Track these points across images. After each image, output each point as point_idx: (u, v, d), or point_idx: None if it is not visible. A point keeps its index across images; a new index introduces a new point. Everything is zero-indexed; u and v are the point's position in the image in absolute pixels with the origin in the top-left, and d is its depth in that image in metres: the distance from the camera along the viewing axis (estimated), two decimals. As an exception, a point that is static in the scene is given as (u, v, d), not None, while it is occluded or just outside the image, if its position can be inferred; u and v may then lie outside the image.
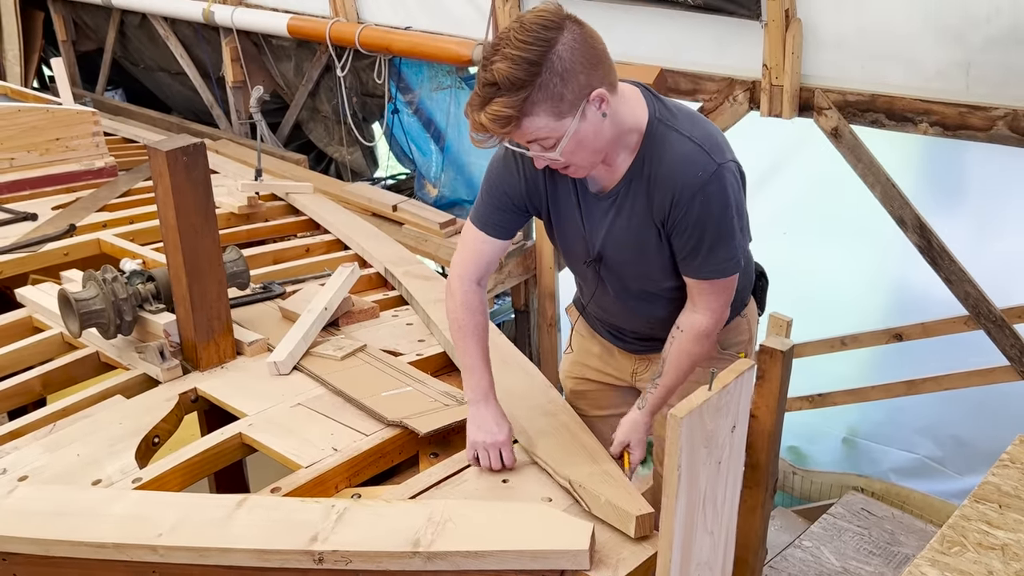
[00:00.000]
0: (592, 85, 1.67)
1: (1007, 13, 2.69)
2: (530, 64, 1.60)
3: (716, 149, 1.78)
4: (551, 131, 1.67)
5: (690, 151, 1.77)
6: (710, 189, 1.75)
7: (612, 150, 1.80)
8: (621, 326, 2.18)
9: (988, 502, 1.67)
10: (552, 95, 1.63)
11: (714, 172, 1.75)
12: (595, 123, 1.70)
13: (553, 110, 1.65)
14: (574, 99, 1.65)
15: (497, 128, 1.65)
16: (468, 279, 2.00)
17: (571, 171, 1.80)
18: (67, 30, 7.11)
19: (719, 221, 1.79)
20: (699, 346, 1.93)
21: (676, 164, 1.77)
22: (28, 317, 2.74)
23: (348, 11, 4.72)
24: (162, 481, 1.94)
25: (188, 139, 2.25)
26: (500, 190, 1.95)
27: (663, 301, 2.00)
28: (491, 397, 1.98)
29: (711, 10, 3.25)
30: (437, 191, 4.88)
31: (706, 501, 1.48)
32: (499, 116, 1.63)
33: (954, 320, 3.41)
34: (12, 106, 4.03)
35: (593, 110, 1.69)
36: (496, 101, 1.63)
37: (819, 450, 4.27)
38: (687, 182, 1.76)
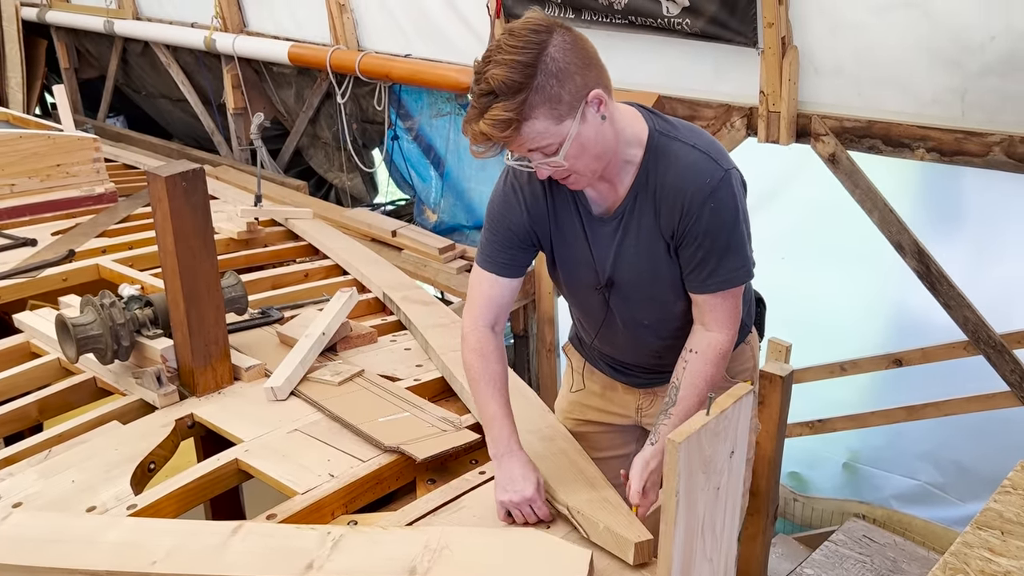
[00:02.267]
0: (588, 86, 1.65)
1: (1002, 40, 2.71)
2: (524, 66, 1.58)
3: (721, 156, 1.78)
4: (552, 135, 1.65)
5: (697, 159, 1.76)
6: (720, 195, 1.74)
7: (613, 163, 1.77)
8: (626, 360, 2.12)
9: (990, 529, 1.65)
10: (549, 97, 1.61)
11: (722, 178, 1.74)
12: (595, 126, 1.68)
13: (552, 113, 1.63)
14: (572, 100, 1.64)
15: (497, 133, 1.62)
16: (480, 325, 1.94)
17: (572, 181, 1.76)
18: (70, 58, 7.19)
19: (731, 228, 1.77)
20: (716, 367, 1.85)
21: (684, 172, 1.75)
22: (26, 342, 2.73)
23: (348, 39, 4.76)
24: (157, 508, 1.92)
25: (187, 165, 2.26)
26: (503, 226, 1.91)
27: (673, 326, 1.96)
28: (514, 448, 1.86)
29: (708, 37, 3.28)
30: (436, 217, 4.89)
31: (705, 528, 1.46)
32: (498, 120, 1.60)
33: (953, 345, 3.41)
34: (14, 132, 4.05)
35: (592, 112, 1.67)
36: (495, 107, 1.60)
37: (820, 476, 4.25)
38: (696, 189, 1.73)
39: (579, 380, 2.27)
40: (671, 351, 1.98)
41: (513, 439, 1.88)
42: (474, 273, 1.98)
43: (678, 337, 1.95)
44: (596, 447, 2.25)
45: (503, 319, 1.97)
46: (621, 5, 3.44)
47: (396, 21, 4.56)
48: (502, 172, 1.94)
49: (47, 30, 7.15)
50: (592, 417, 2.27)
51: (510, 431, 1.88)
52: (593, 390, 2.25)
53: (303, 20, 5.06)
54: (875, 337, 3.79)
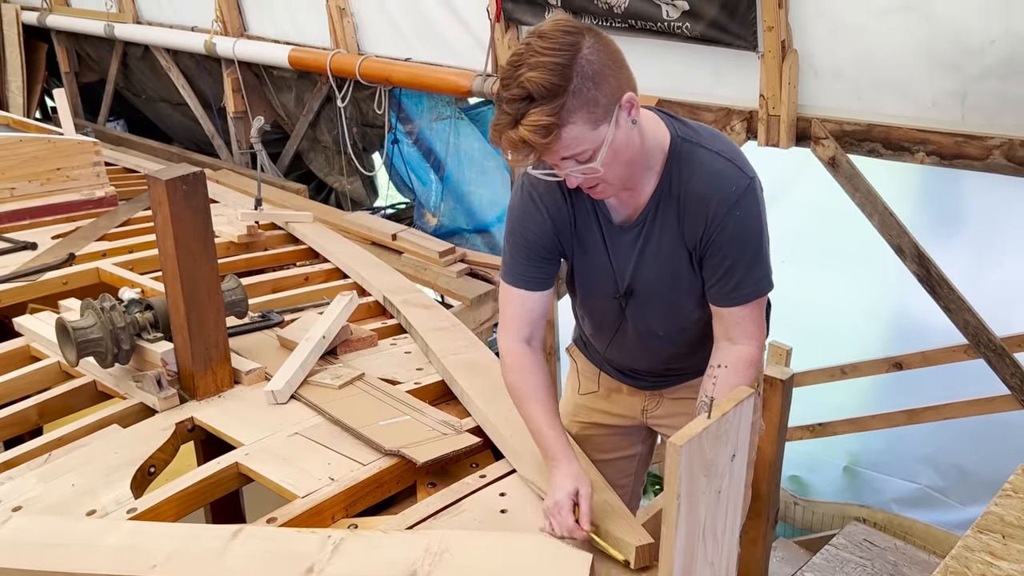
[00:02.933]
0: (622, 89, 1.59)
1: (1002, 43, 2.71)
2: (562, 67, 1.51)
3: (745, 163, 1.75)
4: (589, 141, 1.58)
5: (722, 166, 1.72)
6: (746, 203, 1.70)
7: (638, 170, 1.73)
8: (635, 366, 2.10)
9: (991, 533, 1.65)
10: (587, 101, 1.54)
11: (747, 186, 1.71)
12: (627, 131, 1.63)
13: (589, 117, 1.56)
14: (608, 104, 1.57)
15: (539, 139, 1.54)
16: (514, 342, 1.89)
17: (600, 190, 1.70)
18: (70, 62, 7.20)
19: (756, 237, 1.73)
20: (748, 379, 1.78)
21: (709, 180, 1.71)
22: (26, 346, 2.73)
23: (349, 43, 4.77)
24: (157, 511, 1.92)
25: (187, 168, 2.26)
26: (525, 239, 1.85)
27: (687, 336, 1.93)
28: (561, 459, 1.79)
29: (708, 41, 3.28)
30: (436, 220, 4.90)
31: (706, 531, 1.46)
32: (539, 126, 1.52)
33: (954, 349, 3.41)
34: (14, 136, 4.06)
35: (624, 117, 1.61)
36: (533, 112, 1.52)
37: (820, 480, 4.25)
38: (722, 197, 1.69)
39: (586, 383, 2.25)
40: (682, 358, 1.97)
41: (562, 450, 1.81)
42: (502, 291, 1.92)
43: (691, 345, 1.94)
44: (601, 449, 2.25)
45: (539, 332, 1.92)
46: (621, 9, 3.44)
47: (396, 25, 4.56)
48: (516, 183, 1.89)
49: (47, 34, 7.16)
50: (597, 419, 2.25)
51: (556, 441, 1.82)
52: (598, 392, 2.23)
53: (303, 24, 5.07)
54: (875, 341, 3.79)
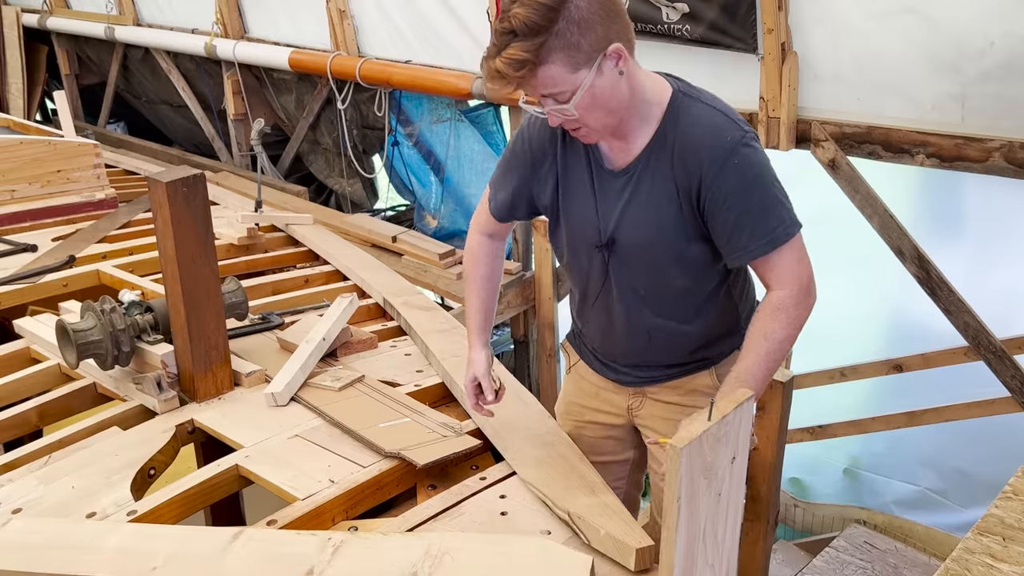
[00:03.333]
0: (610, 38, 1.65)
1: (1001, 46, 2.72)
2: (547, 9, 1.59)
3: (743, 122, 1.77)
4: (566, 83, 1.65)
5: (719, 120, 1.75)
6: (743, 152, 1.72)
7: (628, 120, 1.77)
8: (614, 350, 2.09)
9: (992, 535, 1.65)
10: (568, 44, 1.61)
11: (742, 138, 1.73)
12: (611, 80, 1.68)
13: (569, 60, 1.63)
14: (590, 50, 1.64)
15: (511, 72, 1.62)
16: (476, 231, 2.16)
17: (584, 134, 1.77)
18: (70, 64, 7.20)
19: (759, 185, 1.74)
20: (774, 319, 1.78)
21: (704, 131, 1.74)
22: (26, 348, 2.73)
23: (349, 45, 4.77)
24: (157, 514, 1.92)
25: (188, 170, 2.26)
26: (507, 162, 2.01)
27: (669, 303, 1.92)
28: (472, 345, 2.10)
29: (708, 44, 3.28)
30: (436, 222, 4.90)
31: (706, 534, 1.46)
32: (514, 60, 1.61)
33: (954, 351, 3.41)
34: (14, 138, 4.06)
35: (610, 66, 1.67)
36: (512, 46, 1.61)
37: (820, 482, 4.25)
38: (716, 146, 1.72)
39: (574, 380, 2.27)
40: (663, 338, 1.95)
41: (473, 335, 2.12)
42: (483, 196, 2.13)
43: (672, 318, 1.93)
44: (595, 451, 2.23)
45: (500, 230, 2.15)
46: (621, 11, 3.45)
47: (396, 27, 4.57)
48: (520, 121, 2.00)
49: (48, 36, 7.17)
50: (589, 418, 2.25)
51: (472, 327, 2.13)
52: (588, 390, 2.23)
53: (304, 26, 5.07)
54: (875, 343, 3.79)
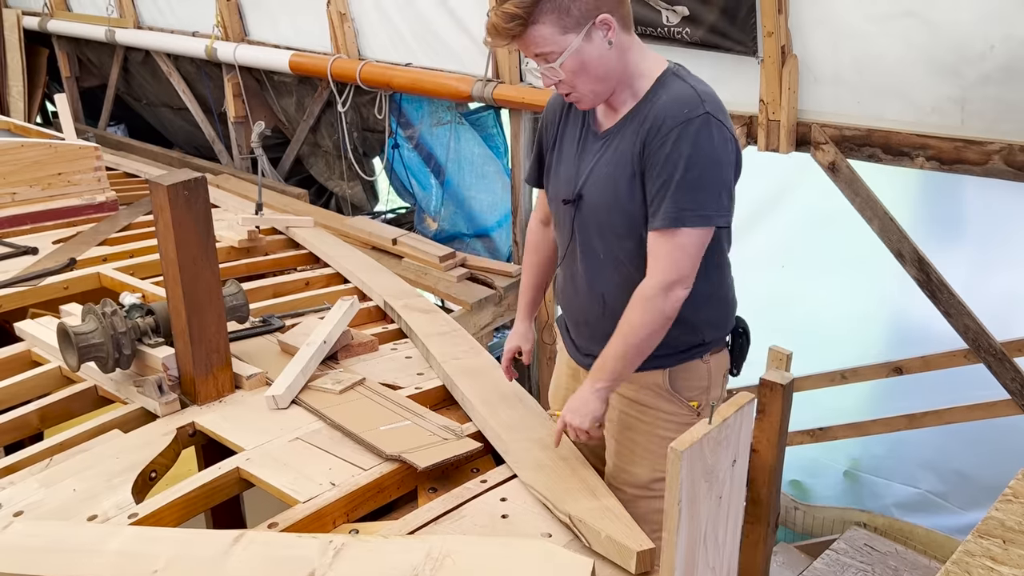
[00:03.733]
0: (600, 8, 1.79)
1: (1001, 49, 2.72)
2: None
3: (712, 103, 1.83)
4: (554, 44, 1.79)
5: (686, 93, 1.84)
6: (691, 129, 1.79)
7: (620, 91, 1.90)
8: (579, 317, 2.17)
9: (992, 537, 1.65)
10: (559, 7, 1.76)
11: (700, 116, 1.80)
12: (600, 48, 1.82)
13: (558, 22, 1.77)
14: (580, 16, 1.78)
15: (502, 24, 1.78)
16: (534, 221, 2.29)
17: (575, 99, 1.90)
18: (71, 66, 7.20)
19: (691, 162, 1.79)
20: (639, 312, 1.86)
21: (669, 102, 1.84)
22: (27, 351, 2.73)
23: (349, 48, 4.78)
24: (159, 516, 1.92)
25: (189, 173, 2.26)
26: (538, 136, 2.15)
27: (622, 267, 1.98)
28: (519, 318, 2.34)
29: (708, 47, 3.29)
30: (437, 225, 4.90)
31: (707, 536, 1.46)
32: (507, 14, 1.77)
33: (954, 353, 3.41)
34: (15, 141, 4.06)
35: (600, 36, 1.80)
36: (509, 2, 1.77)
37: (821, 484, 4.25)
38: (670, 115, 1.82)
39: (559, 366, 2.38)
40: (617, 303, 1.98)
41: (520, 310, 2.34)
42: None
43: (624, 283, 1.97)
44: None
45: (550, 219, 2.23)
46: (621, 14, 3.45)
47: (397, 30, 4.57)
48: None
49: (48, 39, 7.17)
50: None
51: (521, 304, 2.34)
52: (566, 372, 2.33)
53: (304, 29, 5.08)
54: (875, 345, 3.79)
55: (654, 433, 2.09)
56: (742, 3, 3.10)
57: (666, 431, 2.07)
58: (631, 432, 2.12)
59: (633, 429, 2.12)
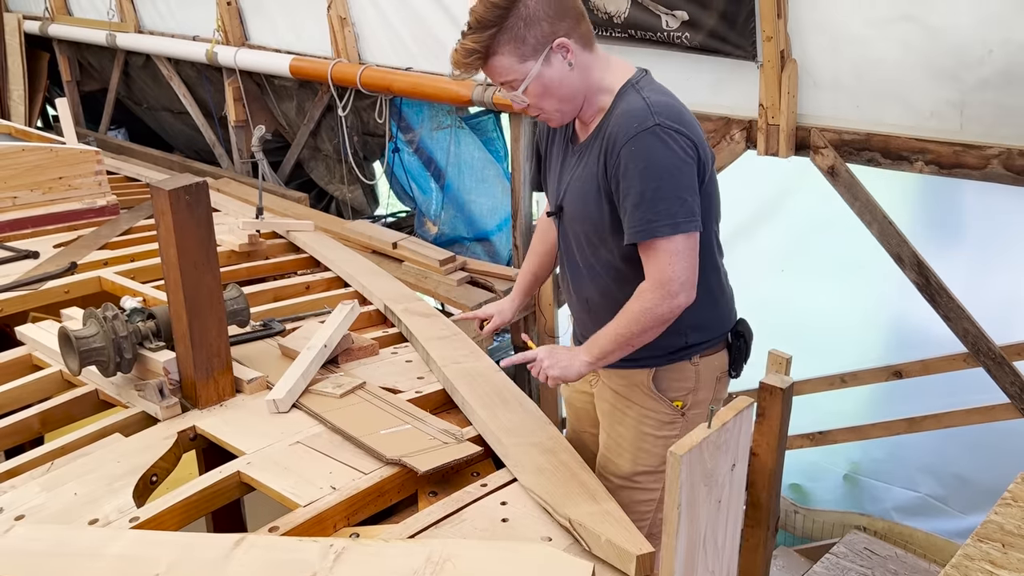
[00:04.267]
0: (556, 33, 1.86)
1: (999, 54, 2.73)
2: (498, 8, 1.83)
3: (664, 113, 1.86)
4: (515, 72, 1.88)
5: (637, 107, 1.88)
6: (642, 142, 1.84)
7: (587, 108, 1.97)
8: (575, 316, 2.29)
9: (991, 541, 1.65)
10: (515, 37, 1.84)
11: (650, 128, 1.84)
12: (560, 71, 1.89)
13: (516, 51, 1.85)
14: (536, 43, 1.85)
15: (462, 59, 1.87)
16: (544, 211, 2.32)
17: (544, 118, 2.00)
18: (72, 71, 7.21)
19: (643, 176, 1.84)
20: (636, 303, 1.93)
21: (621, 117, 1.90)
22: (28, 355, 2.74)
23: (350, 52, 4.79)
24: (159, 520, 1.93)
25: (191, 178, 2.27)
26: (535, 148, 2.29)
27: (601, 277, 2.05)
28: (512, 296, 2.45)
29: (708, 51, 3.30)
30: (437, 229, 4.91)
31: (707, 540, 1.47)
32: (466, 50, 1.86)
33: (953, 357, 3.41)
34: (16, 145, 4.07)
35: (559, 59, 1.88)
36: (468, 37, 1.86)
37: (821, 488, 4.25)
38: (622, 131, 1.87)
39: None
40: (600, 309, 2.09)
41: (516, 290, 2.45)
42: None
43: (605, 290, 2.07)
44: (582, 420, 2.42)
45: None
46: (621, 19, 3.46)
47: (397, 35, 4.58)
48: None
49: (49, 43, 7.19)
50: (577, 386, 2.42)
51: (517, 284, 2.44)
52: None
53: (304, 33, 5.09)
54: (875, 349, 3.79)
55: (638, 428, 2.17)
56: (741, 8, 3.11)
57: (648, 428, 2.16)
58: (618, 426, 2.21)
59: (620, 423, 2.20)
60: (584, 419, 2.42)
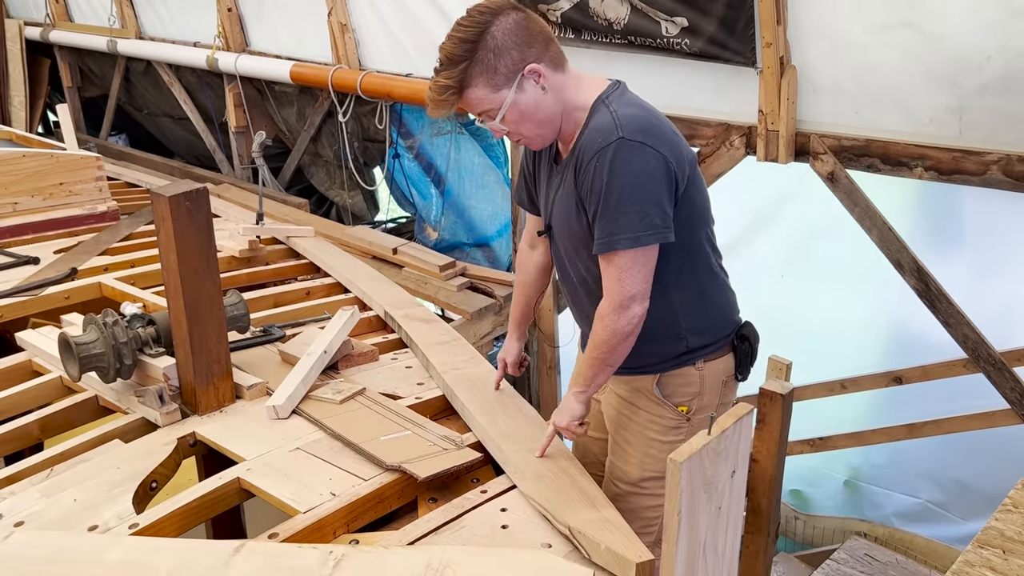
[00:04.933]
0: (526, 60, 1.88)
1: (998, 61, 2.73)
2: (465, 43, 1.86)
3: (629, 126, 1.87)
4: (490, 102, 1.90)
5: (604, 122, 1.90)
6: (606, 157, 1.86)
7: (566, 127, 1.99)
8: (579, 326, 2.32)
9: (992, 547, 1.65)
10: (486, 68, 1.87)
11: (614, 143, 1.86)
12: (534, 96, 1.91)
13: (489, 82, 1.88)
14: (508, 72, 1.88)
15: (436, 96, 1.90)
16: (523, 242, 2.38)
17: (525, 143, 2.03)
18: (73, 76, 7.23)
19: (607, 190, 1.87)
20: (598, 330, 1.97)
21: (588, 133, 1.93)
22: (28, 361, 2.74)
23: (350, 58, 4.80)
24: (159, 527, 1.92)
25: (191, 184, 2.27)
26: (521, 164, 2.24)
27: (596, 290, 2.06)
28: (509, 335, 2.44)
29: (707, 57, 3.30)
30: (437, 234, 4.91)
31: (707, 547, 1.47)
32: (439, 86, 1.89)
33: (953, 363, 3.41)
34: (17, 151, 4.07)
35: (531, 84, 1.90)
36: (440, 74, 1.89)
37: (821, 494, 4.24)
38: (589, 147, 1.90)
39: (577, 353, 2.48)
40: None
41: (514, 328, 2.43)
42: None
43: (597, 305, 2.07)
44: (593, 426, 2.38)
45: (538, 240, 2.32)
46: (621, 25, 3.47)
47: (397, 41, 4.59)
48: None
49: (50, 49, 7.20)
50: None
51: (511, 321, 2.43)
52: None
53: (305, 39, 5.10)
54: (875, 355, 3.79)
55: (644, 434, 2.18)
56: (741, 14, 3.12)
57: (654, 433, 2.17)
58: (625, 431, 2.22)
59: (627, 429, 2.22)
60: (591, 423, 2.41)
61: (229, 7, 5.35)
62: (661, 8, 3.31)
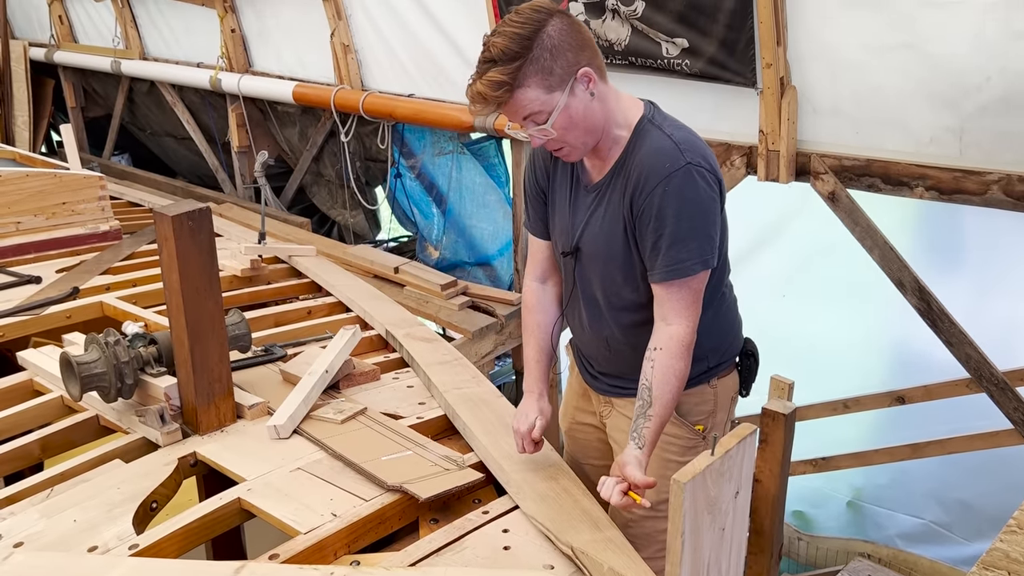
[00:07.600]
0: (579, 63, 1.82)
1: (998, 81, 2.75)
2: (523, 38, 1.77)
3: (691, 151, 1.86)
4: (542, 104, 1.82)
5: (665, 146, 1.87)
6: (675, 181, 1.83)
7: (605, 140, 1.94)
8: (588, 352, 2.24)
9: (996, 569, 1.64)
10: (542, 68, 1.79)
11: (682, 167, 1.83)
12: (584, 101, 1.85)
13: (543, 83, 1.80)
14: (563, 74, 1.81)
15: (490, 92, 1.79)
16: (529, 280, 2.24)
17: (565, 153, 1.93)
18: (76, 97, 7.26)
19: (681, 215, 1.83)
20: (683, 360, 1.90)
21: (649, 155, 1.88)
22: (29, 380, 2.73)
23: (352, 79, 4.82)
24: (159, 547, 1.91)
25: (194, 204, 2.28)
26: (528, 189, 2.17)
27: (623, 315, 2.03)
28: (532, 392, 2.11)
29: (708, 78, 3.32)
30: (439, 253, 4.92)
31: (710, 568, 1.46)
32: (493, 81, 1.78)
33: (956, 383, 3.40)
34: (20, 171, 4.09)
35: (581, 88, 1.84)
36: (493, 70, 1.78)
37: (824, 515, 4.22)
38: (653, 171, 1.85)
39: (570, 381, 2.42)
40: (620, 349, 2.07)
41: (531, 380, 2.14)
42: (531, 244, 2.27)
43: (626, 331, 2.05)
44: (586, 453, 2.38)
45: (550, 272, 2.22)
46: (621, 46, 3.49)
47: (400, 62, 4.62)
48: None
49: (54, 70, 7.24)
50: (580, 418, 2.39)
51: (535, 377, 2.14)
52: (578, 390, 2.37)
53: (308, 60, 5.13)
54: (877, 374, 3.78)
55: (660, 456, 2.13)
56: (741, 35, 3.14)
57: (671, 454, 2.14)
58: None
59: None
60: (587, 450, 2.40)
61: (233, 28, 5.39)
62: (662, 29, 3.33)
